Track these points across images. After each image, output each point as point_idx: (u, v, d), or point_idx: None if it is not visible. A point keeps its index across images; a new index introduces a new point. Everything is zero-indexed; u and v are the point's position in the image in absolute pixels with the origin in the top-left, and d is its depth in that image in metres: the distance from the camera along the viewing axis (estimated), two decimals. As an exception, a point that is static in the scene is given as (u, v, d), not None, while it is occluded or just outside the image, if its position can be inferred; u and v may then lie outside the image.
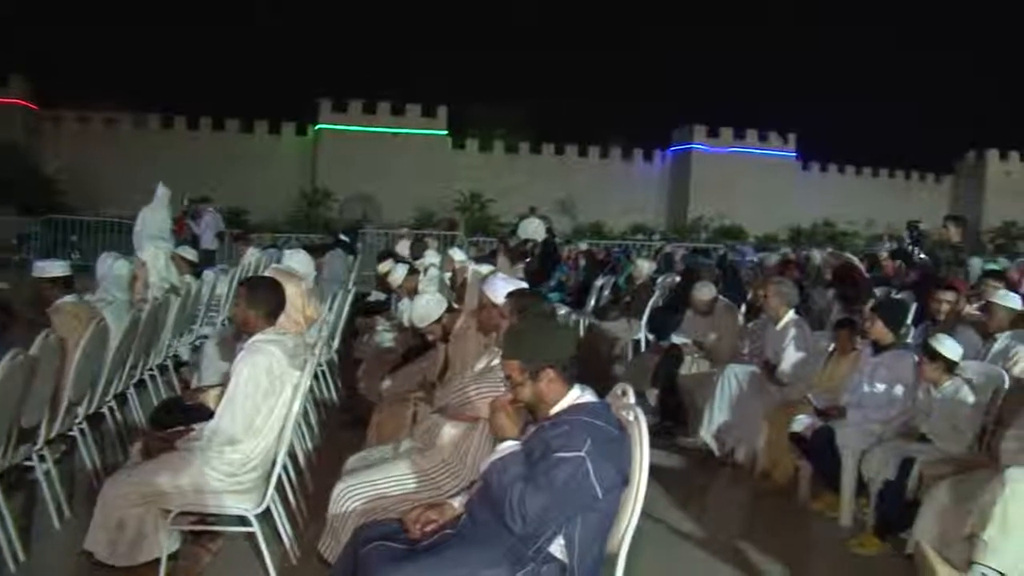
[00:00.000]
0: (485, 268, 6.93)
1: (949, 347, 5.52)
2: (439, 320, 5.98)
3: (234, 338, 5.88)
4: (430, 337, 6.19)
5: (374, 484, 4.11)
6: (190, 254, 10.23)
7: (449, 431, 4.33)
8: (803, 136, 56.69)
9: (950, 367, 5.49)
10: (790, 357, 7.00)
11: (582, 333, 11.00)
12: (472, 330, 5.26)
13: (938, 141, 69.17)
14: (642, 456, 3.21)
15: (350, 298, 8.91)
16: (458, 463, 4.17)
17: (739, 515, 6.21)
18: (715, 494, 6.66)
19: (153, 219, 10.98)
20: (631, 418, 3.32)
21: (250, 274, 10.10)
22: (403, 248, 12.88)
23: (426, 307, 6.14)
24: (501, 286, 4.93)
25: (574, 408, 3.23)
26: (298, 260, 7.11)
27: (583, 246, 17.61)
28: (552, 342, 3.34)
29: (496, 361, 4.30)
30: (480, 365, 4.57)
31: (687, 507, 5.99)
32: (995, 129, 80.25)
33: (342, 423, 7.24)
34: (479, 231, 35.06)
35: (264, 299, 4.44)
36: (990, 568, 3.65)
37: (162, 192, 11.54)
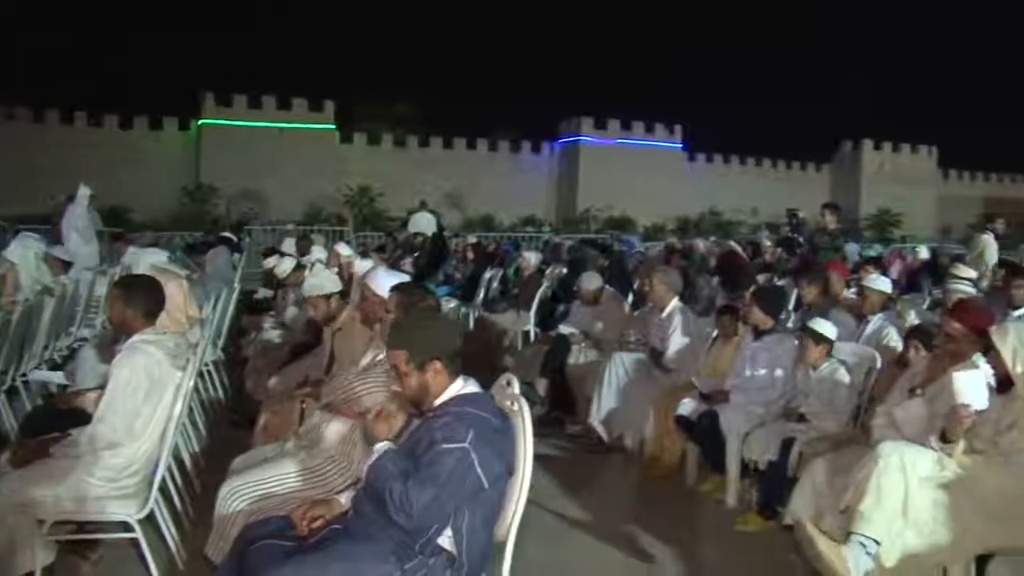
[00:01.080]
0: (368, 262, 6.89)
1: (826, 328, 5.75)
2: (328, 298, 5.81)
3: (113, 340, 5.71)
4: (311, 312, 6.02)
5: (260, 483, 4.05)
6: (62, 253, 9.90)
7: (336, 427, 4.30)
8: (689, 128, 57.78)
9: (827, 348, 5.71)
10: (675, 344, 7.15)
11: (471, 325, 11.02)
12: (357, 324, 5.22)
13: (817, 132, 71.44)
14: (526, 445, 3.24)
15: (235, 296, 8.75)
16: (345, 459, 4.14)
17: (628, 500, 6.29)
18: (604, 480, 6.73)
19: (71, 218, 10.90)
20: (515, 407, 3.35)
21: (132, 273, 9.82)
22: (289, 245, 12.69)
23: (321, 278, 6.04)
24: (384, 279, 4.92)
25: (458, 399, 3.24)
26: (154, 255, 6.95)
27: (472, 239, 17.62)
28: (438, 333, 3.35)
29: (382, 356, 4.29)
30: (366, 360, 4.55)
31: (576, 494, 6.05)
32: (870, 121, 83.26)
33: (229, 423, 7.12)
34: (368, 226, 34.77)
35: (142, 298, 4.32)
36: (866, 536, 3.79)
37: (83, 192, 11.84)
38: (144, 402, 4.09)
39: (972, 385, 3.96)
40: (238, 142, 45.37)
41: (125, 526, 4.08)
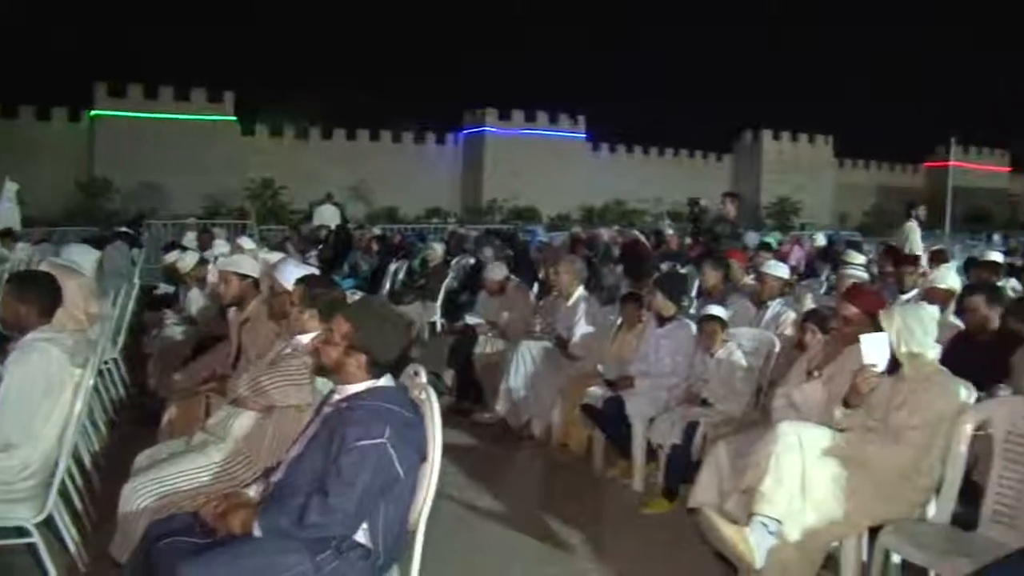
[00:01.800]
0: (275, 255, 6.80)
1: (720, 313, 5.99)
2: (242, 279, 5.67)
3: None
4: (221, 287, 5.87)
5: (166, 480, 3.98)
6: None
7: (243, 421, 4.25)
8: (593, 118, 58.23)
9: (724, 333, 5.88)
10: (581, 332, 7.25)
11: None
12: (264, 317, 5.16)
13: (719, 122, 72.84)
14: (435, 435, 3.27)
15: (135, 292, 8.55)
16: (253, 453, 4.10)
17: (537, 486, 6.35)
18: (513, 468, 6.80)
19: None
20: (423, 397, 3.37)
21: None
22: (190, 239, 12.45)
23: (240, 257, 5.95)
24: (291, 272, 4.87)
25: (372, 392, 3.23)
26: (79, 254, 6.76)
27: (377, 231, 17.52)
28: (387, 337, 3.31)
29: (289, 350, 4.26)
30: (273, 353, 4.50)
31: (486, 482, 6.09)
32: (768, 110, 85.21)
33: (133, 421, 6.97)
34: (272, 219, 34.24)
35: (36, 295, 4.19)
36: (767, 516, 3.90)
37: (9, 186, 12.17)
38: (40, 402, 3.98)
39: (877, 346, 4.16)
40: (134, 134, 44.04)
41: (21, 531, 3.96)
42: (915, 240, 13.47)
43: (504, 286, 8.53)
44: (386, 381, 3.29)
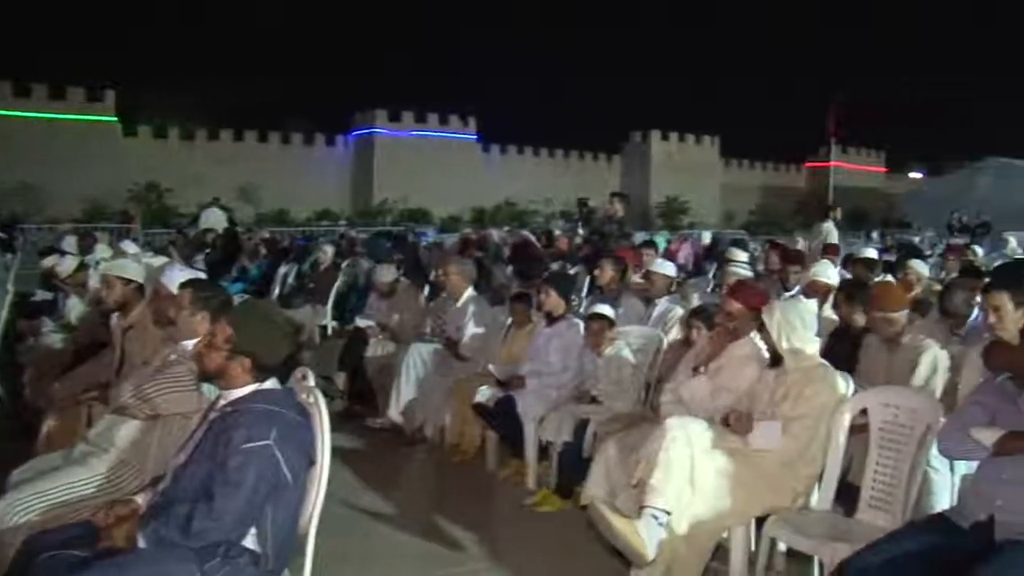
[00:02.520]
0: (159, 260, 6.66)
1: (607, 311, 6.07)
2: (126, 284, 5.51)
3: None
4: (104, 293, 5.70)
5: (46, 494, 3.84)
6: None
7: (128, 431, 4.14)
8: (484, 119, 58.49)
9: (612, 332, 5.99)
10: (471, 332, 7.26)
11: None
12: (149, 323, 5.04)
13: (608, 123, 73.87)
14: (324, 437, 3.26)
15: (9, 299, 8.26)
16: (139, 462, 4.01)
17: (430, 488, 6.36)
18: (406, 470, 6.78)
19: None
20: (311, 400, 3.36)
21: None
22: (70, 243, 12.04)
23: (125, 261, 5.79)
24: (176, 276, 4.78)
25: (256, 395, 3.20)
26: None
27: (265, 234, 17.28)
28: (273, 340, 3.27)
29: (175, 356, 4.18)
30: (159, 360, 4.41)
31: (379, 485, 6.04)
32: (657, 112, 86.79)
33: (8, 434, 6.71)
34: (157, 222, 33.38)
35: None
36: (657, 508, 3.98)
37: None
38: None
39: (769, 435, 4.24)
40: (5, 134, 42.35)
41: None
42: (833, 239, 13.86)
43: (394, 288, 8.50)
44: (272, 384, 3.26)
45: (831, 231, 14.07)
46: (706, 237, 16.91)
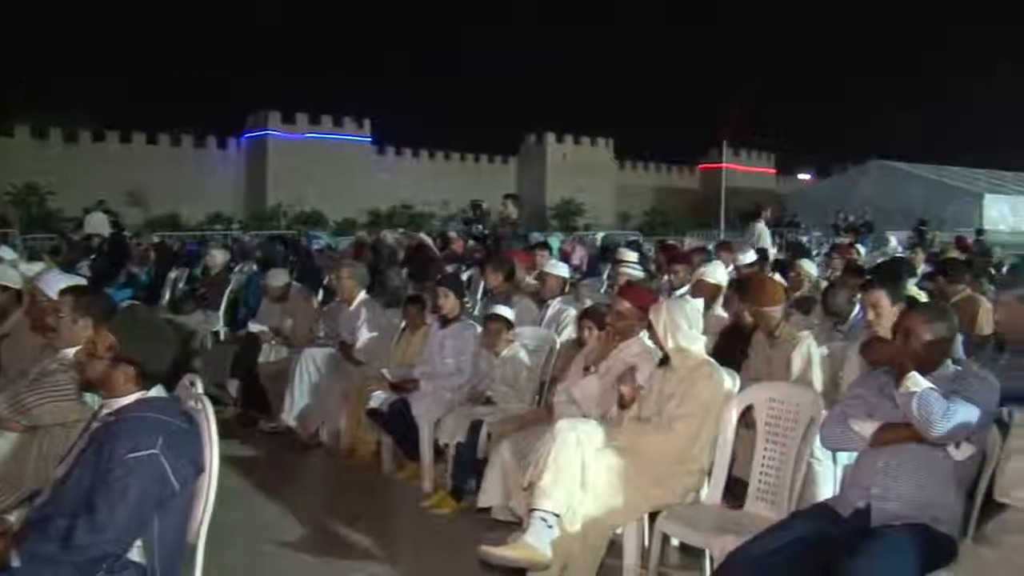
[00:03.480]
0: (39, 265, 6.45)
1: (505, 313, 6.11)
2: (2, 291, 5.31)
3: None
4: None
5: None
6: None
7: (3, 444, 4.01)
8: (378, 122, 58.15)
9: (508, 333, 6.04)
10: (364, 336, 7.22)
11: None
12: (26, 331, 4.88)
13: (504, 125, 74.24)
14: (212, 445, 3.21)
15: None
16: (16, 477, 3.88)
17: (325, 494, 6.33)
18: (301, 476, 6.70)
19: None
20: (199, 407, 3.30)
21: None
22: (-63, 249, 11.54)
23: (3, 269, 5.59)
24: (55, 282, 4.65)
25: (140, 404, 3.12)
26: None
27: (155, 238, 16.88)
28: (157, 348, 3.18)
29: (55, 365, 4.06)
30: (37, 369, 4.27)
31: (273, 493, 5.97)
32: (552, 114, 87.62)
33: None
34: (39, 227, 32.24)
35: None
36: (546, 511, 4.02)
37: None
38: None
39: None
40: None
41: None
42: (766, 240, 14.09)
43: (287, 293, 8.40)
44: (157, 392, 3.19)
45: (763, 232, 14.29)
46: (599, 238, 17.09)
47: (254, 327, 8.14)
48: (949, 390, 3.36)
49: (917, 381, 3.34)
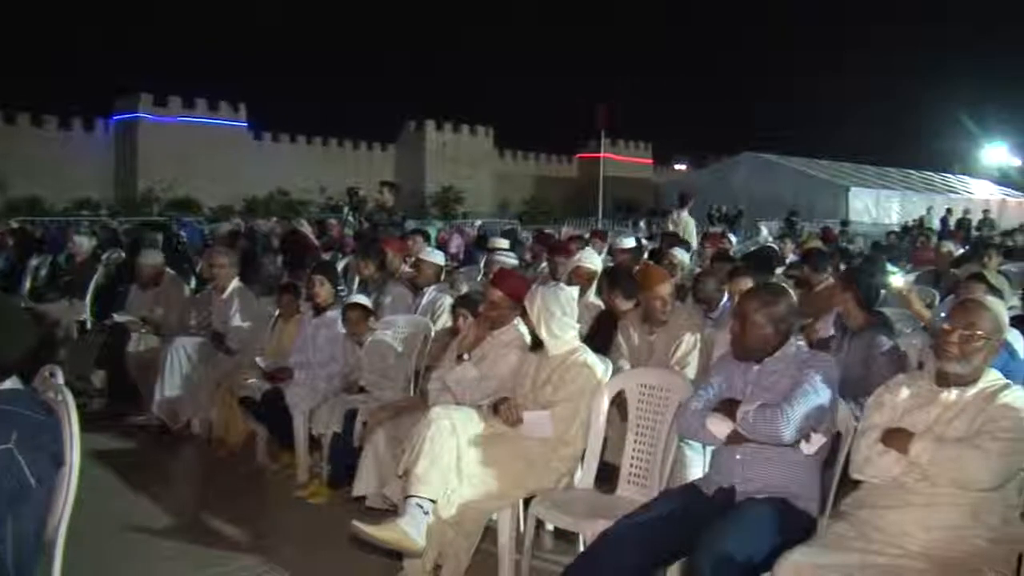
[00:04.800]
0: None
1: (361, 299, 6.18)
2: None
3: None
4: None
5: None
6: None
7: None
8: (255, 107, 57.13)
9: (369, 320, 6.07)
10: (237, 324, 7.11)
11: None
12: None
13: (383, 112, 73.73)
14: (73, 437, 3.10)
15: None
16: None
17: (197, 486, 6.19)
18: (172, 469, 6.55)
19: None
20: (59, 399, 3.19)
21: None
22: None
23: None
24: None
25: None
26: None
27: (14, 224, 16.20)
28: (9, 335, 3.06)
29: None
30: None
31: (142, 487, 5.81)
32: (432, 103, 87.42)
33: None
34: None
35: None
36: (421, 497, 4.02)
37: None
38: None
39: (538, 424, 4.36)
40: None
41: None
42: (691, 230, 14.21)
43: (159, 278, 8.17)
44: (12, 383, 3.07)
45: (689, 221, 14.40)
46: (477, 226, 17.15)
47: (120, 317, 7.87)
48: (794, 373, 3.55)
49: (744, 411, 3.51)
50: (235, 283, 7.40)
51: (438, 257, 7.61)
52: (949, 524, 3.07)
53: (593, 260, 7.24)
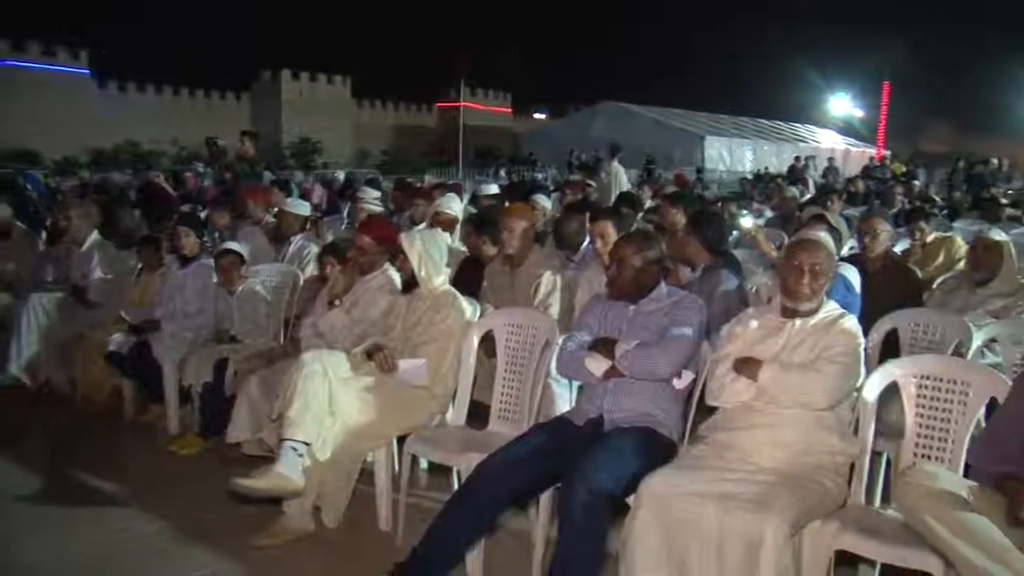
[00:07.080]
0: None
1: (236, 247, 6.17)
2: None
3: None
4: None
5: None
6: None
7: None
8: (97, 53, 54.52)
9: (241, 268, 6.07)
10: (98, 278, 6.96)
11: None
12: None
13: (235, 61, 71.46)
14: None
15: None
16: None
17: (64, 444, 6.02)
18: (35, 430, 6.40)
19: None
20: None
21: None
22: None
23: None
24: None
25: None
26: None
27: None
28: None
29: None
30: None
31: (4, 448, 5.64)
32: (287, 51, 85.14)
33: None
34: None
35: None
36: (295, 440, 4.09)
37: None
38: None
39: (414, 372, 4.48)
40: None
41: None
42: (623, 181, 14.20)
43: (8, 232, 7.88)
44: None
45: (619, 172, 14.45)
46: (341, 176, 16.96)
47: (-33, 276, 7.57)
48: (667, 313, 3.83)
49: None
50: (94, 236, 7.22)
51: (303, 208, 7.60)
52: (793, 441, 3.37)
53: (453, 206, 7.36)
